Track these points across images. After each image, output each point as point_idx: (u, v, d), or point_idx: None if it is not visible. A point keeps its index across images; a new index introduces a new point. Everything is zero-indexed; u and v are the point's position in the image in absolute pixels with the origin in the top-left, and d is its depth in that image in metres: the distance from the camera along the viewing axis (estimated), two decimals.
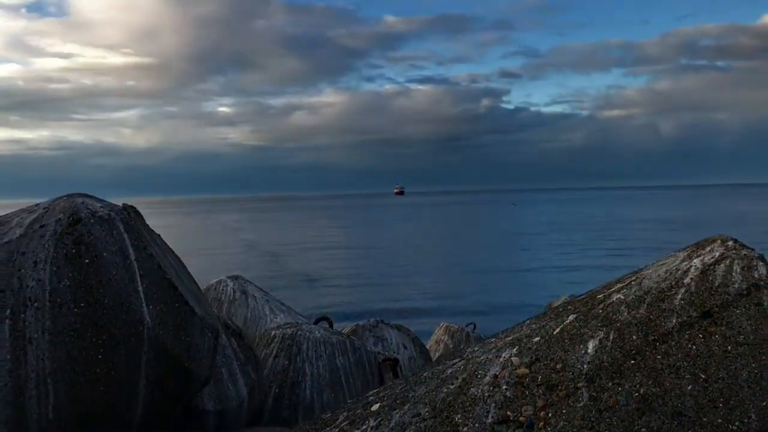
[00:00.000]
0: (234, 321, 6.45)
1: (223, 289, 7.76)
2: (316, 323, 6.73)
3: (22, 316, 3.08)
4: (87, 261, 3.22)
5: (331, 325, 6.78)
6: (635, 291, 2.89)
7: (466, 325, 9.93)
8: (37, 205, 3.61)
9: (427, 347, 8.82)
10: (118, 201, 3.79)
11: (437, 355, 8.87)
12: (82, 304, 3.15)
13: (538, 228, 62.16)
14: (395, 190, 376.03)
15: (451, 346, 9.09)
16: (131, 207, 3.69)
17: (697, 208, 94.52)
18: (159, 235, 3.92)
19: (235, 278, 8.03)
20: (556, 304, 10.17)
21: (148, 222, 3.92)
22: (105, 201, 3.64)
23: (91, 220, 3.34)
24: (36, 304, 3.10)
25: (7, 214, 3.61)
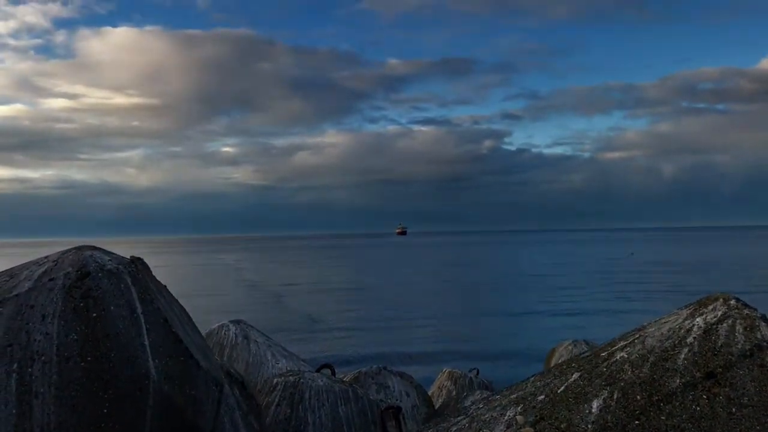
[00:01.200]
0: (235, 366, 6.42)
1: (225, 334, 7.74)
2: (318, 371, 6.69)
3: (29, 370, 3.09)
4: (95, 315, 3.24)
5: (333, 373, 6.74)
6: (639, 349, 2.90)
7: (469, 371, 9.84)
8: (46, 257, 3.64)
9: (430, 393, 8.74)
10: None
11: (440, 401, 8.78)
12: (89, 358, 3.16)
13: (540, 270, 61.94)
14: (397, 230, 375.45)
15: (453, 393, 9.00)
16: (139, 259, 3.72)
17: (699, 251, 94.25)
18: (165, 287, 3.94)
19: (237, 323, 8.01)
20: (558, 349, 10.11)
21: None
22: (113, 253, 3.68)
23: (99, 274, 3.37)
24: (43, 358, 3.12)
25: (18, 266, 3.64)
